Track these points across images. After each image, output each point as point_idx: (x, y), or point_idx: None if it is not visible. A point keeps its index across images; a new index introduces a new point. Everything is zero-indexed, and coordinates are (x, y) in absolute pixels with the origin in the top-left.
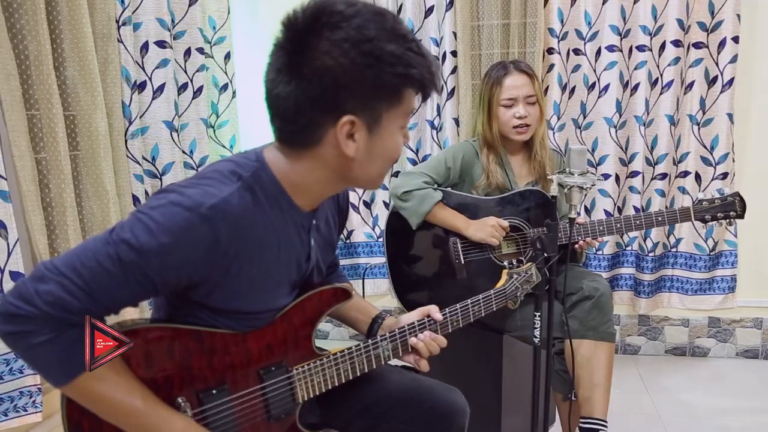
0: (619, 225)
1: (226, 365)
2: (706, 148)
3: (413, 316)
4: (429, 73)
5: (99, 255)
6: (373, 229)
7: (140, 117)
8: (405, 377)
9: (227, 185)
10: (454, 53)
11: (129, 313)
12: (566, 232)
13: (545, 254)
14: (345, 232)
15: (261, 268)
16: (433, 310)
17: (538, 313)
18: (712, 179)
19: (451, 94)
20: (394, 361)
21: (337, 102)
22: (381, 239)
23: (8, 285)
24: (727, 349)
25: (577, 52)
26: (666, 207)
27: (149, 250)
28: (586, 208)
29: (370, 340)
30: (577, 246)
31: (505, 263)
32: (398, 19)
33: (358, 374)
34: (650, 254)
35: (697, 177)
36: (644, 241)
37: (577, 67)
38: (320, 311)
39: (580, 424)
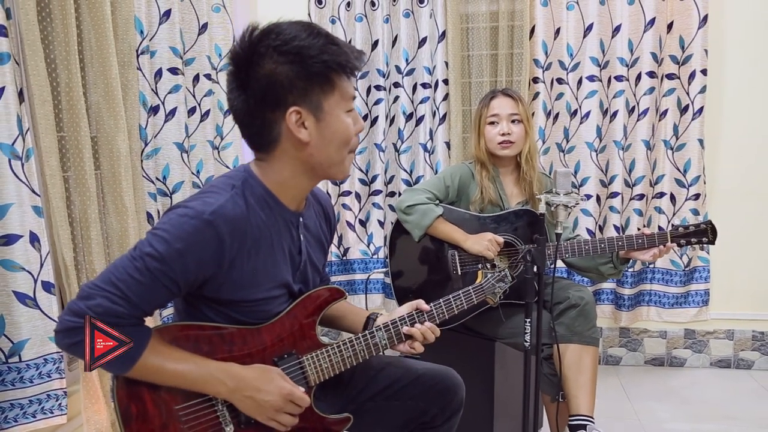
0: (603, 245)
1: (245, 355)
2: (679, 171)
3: (403, 309)
4: (346, 57)
5: (129, 269)
6: (368, 247)
7: (154, 139)
8: (408, 364)
9: (222, 195)
10: (446, 81)
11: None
12: (563, 247)
13: (535, 266)
14: (342, 249)
15: (259, 260)
16: (421, 303)
17: (529, 320)
18: (686, 200)
19: (443, 119)
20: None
21: (279, 98)
22: (376, 256)
23: (41, 294)
24: (702, 360)
25: (560, 81)
26: (644, 225)
27: (169, 257)
28: None
29: (367, 331)
30: (656, 251)
31: (479, 266)
32: (315, 24)
33: (360, 361)
34: (630, 270)
35: (672, 198)
36: None
37: (560, 96)
38: (320, 306)
39: (569, 422)
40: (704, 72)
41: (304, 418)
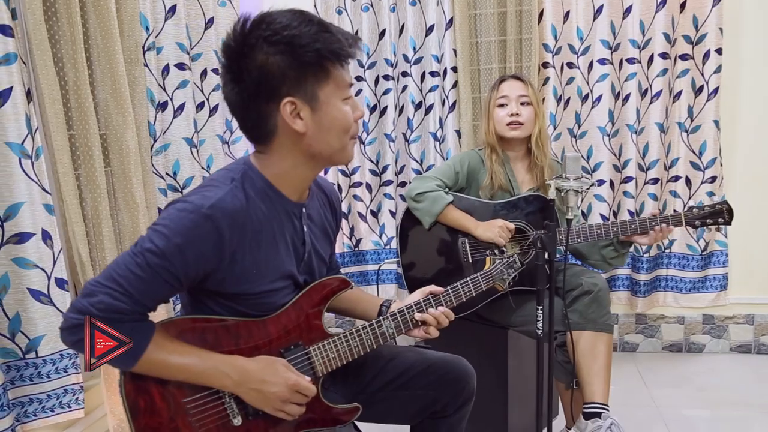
0: (615, 229)
1: (251, 347)
2: (694, 153)
3: (416, 295)
4: (339, 44)
5: (130, 266)
6: (380, 237)
7: (163, 134)
8: (419, 353)
9: (221, 188)
10: (454, 69)
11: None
12: (575, 232)
13: (547, 252)
14: (354, 240)
15: (261, 253)
16: (434, 287)
17: (540, 307)
18: (702, 183)
19: (452, 107)
20: (411, 341)
21: (272, 90)
22: (388, 247)
23: (54, 290)
24: (721, 345)
25: (570, 65)
26: (659, 210)
27: (169, 252)
28: (583, 212)
29: (374, 320)
30: (653, 234)
31: (487, 252)
32: (307, 12)
33: (368, 350)
34: (645, 255)
35: (688, 181)
36: None
37: (571, 80)
38: (325, 297)
39: (583, 409)
40: (719, 51)
41: (312, 408)
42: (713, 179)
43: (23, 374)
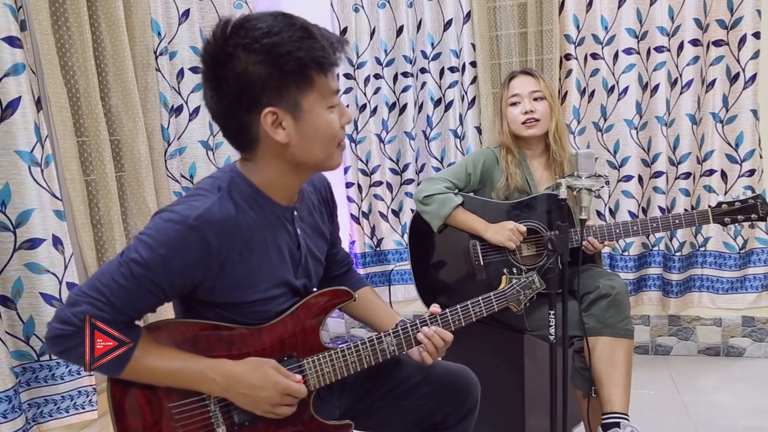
0: (635, 228)
1: (244, 355)
2: (731, 145)
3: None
4: (322, 51)
5: (115, 275)
6: (402, 237)
7: (177, 138)
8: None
9: (209, 197)
10: (473, 64)
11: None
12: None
13: (558, 254)
14: (375, 240)
15: (253, 261)
16: (434, 306)
17: (552, 312)
18: (739, 176)
19: (472, 103)
20: None
21: (252, 100)
22: None
23: (66, 294)
24: (764, 349)
25: (594, 56)
26: (691, 206)
27: (153, 263)
28: (610, 209)
29: (374, 335)
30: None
31: (504, 270)
32: (291, 15)
33: (366, 366)
34: (677, 254)
35: (723, 175)
36: (670, 241)
37: (595, 71)
38: (324, 309)
39: (602, 420)
40: (756, 35)
41: (302, 422)
42: (752, 172)
43: (38, 376)
